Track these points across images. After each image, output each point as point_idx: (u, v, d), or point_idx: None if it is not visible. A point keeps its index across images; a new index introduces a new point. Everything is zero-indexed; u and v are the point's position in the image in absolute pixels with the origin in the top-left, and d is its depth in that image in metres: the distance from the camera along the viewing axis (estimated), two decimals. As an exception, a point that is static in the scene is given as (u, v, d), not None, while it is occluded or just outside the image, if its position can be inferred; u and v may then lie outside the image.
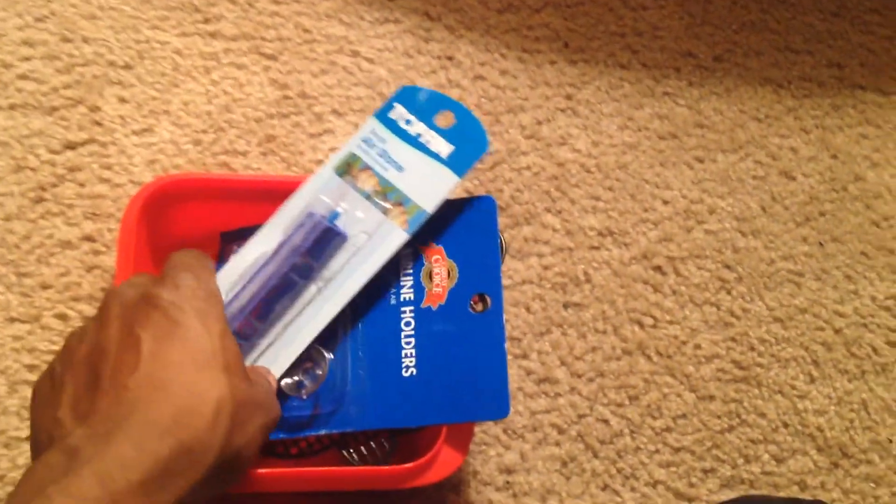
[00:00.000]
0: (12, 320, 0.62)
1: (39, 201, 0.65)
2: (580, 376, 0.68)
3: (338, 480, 0.51)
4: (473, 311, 0.50)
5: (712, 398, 0.70)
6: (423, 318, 0.51)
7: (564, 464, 0.66)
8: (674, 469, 0.67)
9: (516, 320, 0.69)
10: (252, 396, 0.43)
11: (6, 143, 0.67)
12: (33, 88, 0.69)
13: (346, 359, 0.51)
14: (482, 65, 0.78)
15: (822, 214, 0.79)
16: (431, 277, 0.52)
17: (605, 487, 0.66)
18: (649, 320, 0.71)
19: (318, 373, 0.50)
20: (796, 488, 0.69)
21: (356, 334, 0.52)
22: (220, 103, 0.71)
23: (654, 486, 0.67)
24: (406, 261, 0.53)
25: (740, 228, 0.77)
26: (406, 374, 0.50)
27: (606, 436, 0.67)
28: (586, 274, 0.72)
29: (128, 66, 0.71)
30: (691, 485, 0.67)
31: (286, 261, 0.50)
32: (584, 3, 0.83)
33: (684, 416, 0.69)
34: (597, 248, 0.73)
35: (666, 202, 0.76)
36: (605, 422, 0.68)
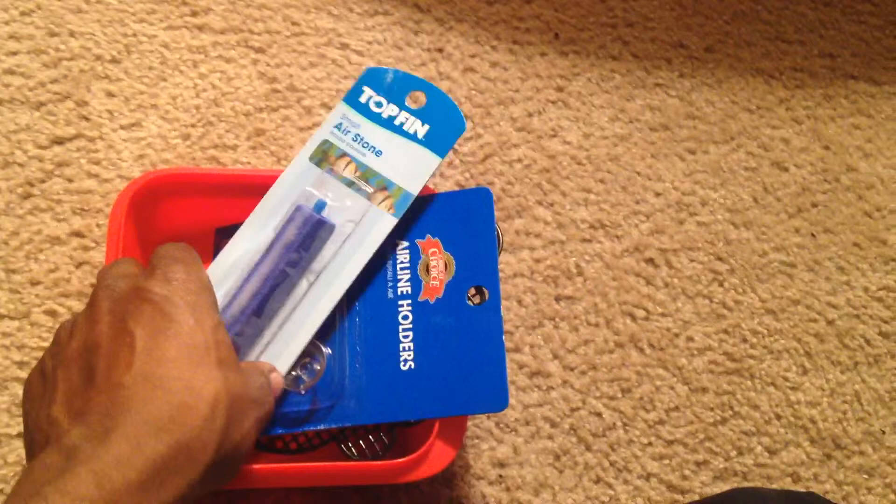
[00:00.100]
0: (1, 317, 0.62)
1: (27, 197, 0.65)
2: (572, 369, 0.68)
3: (329, 476, 0.51)
4: (471, 304, 0.50)
5: (705, 390, 0.70)
6: (420, 311, 0.51)
7: (557, 457, 0.66)
8: (666, 461, 0.67)
9: (508, 314, 0.69)
10: (246, 391, 0.43)
11: (-7, 138, 0.66)
12: (20, 83, 0.68)
13: (344, 353, 0.51)
14: (472, 57, 0.78)
15: (815, 205, 0.79)
16: (428, 271, 0.52)
17: (598, 480, 0.66)
18: (641, 313, 0.71)
19: (317, 368, 0.50)
20: (789, 480, 0.69)
21: (354, 329, 0.52)
22: (209, 97, 0.71)
23: (647, 478, 0.66)
24: (403, 254, 0.52)
25: (732, 220, 0.77)
26: (404, 367, 0.50)
27: (599, 429, 0.67)
28: (578, 267, 0.72)
29: (115, 60, 0.71)
30: (684, 477, 0.67)
31: (281, 257, 0.49)
32: (575, -6, 0.83)
33: (677, 408, 0.69)
34: (588, 241, 0.73)
35: (658, 194, 0.76)
36: (598, 415, 0.67)
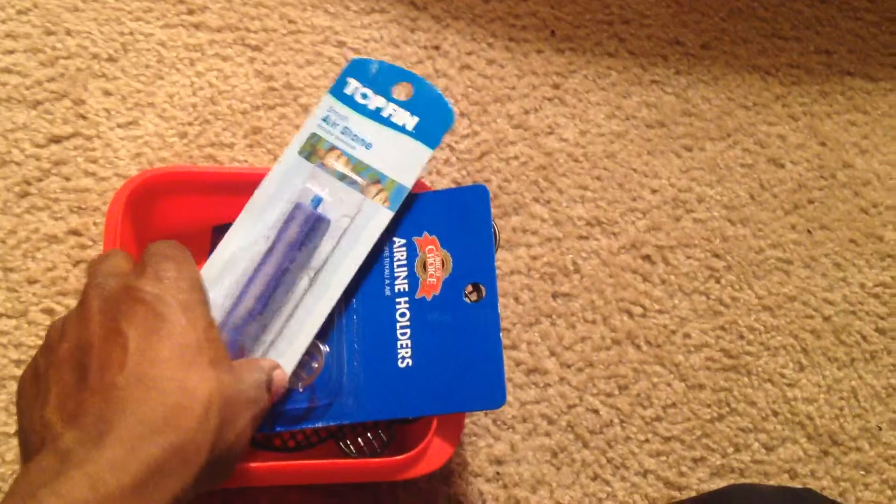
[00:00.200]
0: (-2, 316, 0.62)
1: (24, 196, 0.65)
2: (569, 366, 0.68)
3: (327, 474, 0.51)
4: (468, 301, 0.50)
5: (702, 387, 0.70)
6: (418, 308, 0.51)
7: (554, 454, 0.66)
8: (663, 458, 0.67)
9: (505, 311, 0.69)
10: (240, 390, 0.43)
11: (-10, 137, 0.66)
12: (17, 82, 0.68)
13: (342, 351, 0.51)
14: (469, 54, 0.78)
15: (811, 202, 0.79)
16: (426, 268, 0.52)
17: (596, 477, 0.66)
18: (638, 310, 0.71)
19: (315, 365, 0.50)
20: (786, 476, 0.69)
21: (351, 326, 0.52)
22: (206, 95, 0.71)
23: (644, 475, 0.67)
24: (400, 252, 0.52)
25: (729, 217, 0.77)
26: (402, 364, 0.50)
27: (596, 426, 0.67)
28: (575, 264, 0.72)
29: (112, 59, 0.71)
30: (681, 474, 0.67)
31: (286, 257, 0.49)
32: (572, -9, 0.83)
33: (674, 405, 0.69)
34: (585, 238, 0.73)
35: (654, 191, 0.76)
36: (595, 412, 0.68)
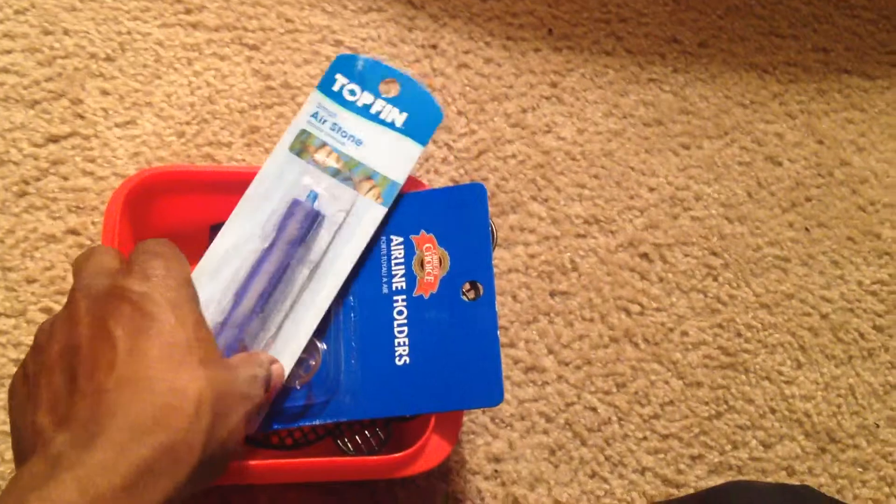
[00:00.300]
0: (-4, 315, 0.62)
1: (23, 195, 0.65)
2: (567, 364, 0.69)
3: (325, 471, 0.51)
4: (466, 299, 0.50)
5: (699, 385, 0.70)
6: (415, 306, 0.51)
7: (552, 452, 0.66)
8: (661, 456, 0.67)
9: (503, 309, 0.69)
10: (232, 386, 0.42)
11: (-12, 136, 0.66)
12: (14, 82, 0.68)
13: (340, 349, 0.51)
14: (466, 53, 0.78)
15: (809, 200, 0.79)
16: (423, 266, 0.52)
17: (594, 475, 0.66)
18: (636, 308, 0.71)
19: (312, 363, 0.50)
20: (784, 474, 0.69)
21: (349, 324, 0.52)
22: (203, 94, 0.71)
23: (643, 472, 0.67)
24: (397, 250, 0.53)
25: (726, 215, 0.77)
26: (399, 362, 0.50)
27: (594, 423, 0.67)
28: (573, 262, 0.72)
29: (109, 58, 0.71)
30: (679, 471, 0.67)
31: (287, 254, 0.49)
32: (569, -11, 0.83)
33: (672, 402, 0.69)
34: (583, 236, 0.73)
35: (652, 189, 0.76)
36: (593, 409, 0.68)
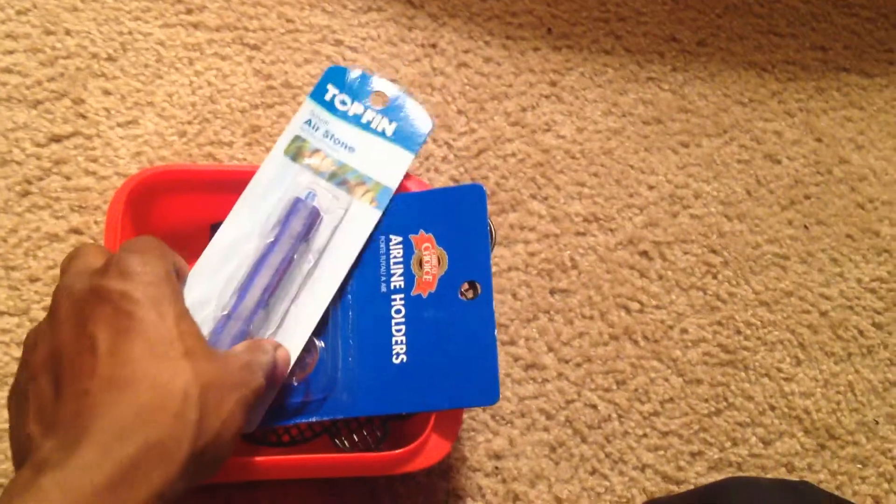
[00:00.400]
0: (1, 314, 0.62)
1: (26, 195, 0.65)
2: (567, 362, 0.69)
3: (327, 467, 0.51)
4: (464, 299, 0.51)
5: (699, 382, 0.70)
6: (413, 305, 0.51)
7: (553, 449, 0.66)
8: (661, 453, 0.68)
9: (503, 307, 0.69)
10: (221, 375, 0.42)
11: (-10, 136, 0.67)
12: (17, 82, 0.68)
13: (337, 346, 0.52)
14: (466, 52, 0.78)
15: (808, 198, 0.80)
16: (421, 265, 0.52)
17: (594, 472, 0.66)
18: (636, 305, 0.72)
19: (309, 360, 0.51)
20: (784, 470, 0.69)
21: (347, 322, 0.52)
22: (205, 94, 0.71)
23: (643, 469, 0.67)
24: (396, 249, 0.53)
25: (726, 213, 0.77)
26: (396, 361, 0.50)
27: (594, 421, 0.68)
28: (572, 260, 0.72)
29: (111, 58, 0.71)
30: (679, 468, 0.67)
31: (291, 249, 0.50)
32: (568, -11, 0.83)
33: (671, 400, 0.69)
34: (583, 234, 0.73)
35: (651, 187, 0.76)
36: (593, 407, 0.68)
